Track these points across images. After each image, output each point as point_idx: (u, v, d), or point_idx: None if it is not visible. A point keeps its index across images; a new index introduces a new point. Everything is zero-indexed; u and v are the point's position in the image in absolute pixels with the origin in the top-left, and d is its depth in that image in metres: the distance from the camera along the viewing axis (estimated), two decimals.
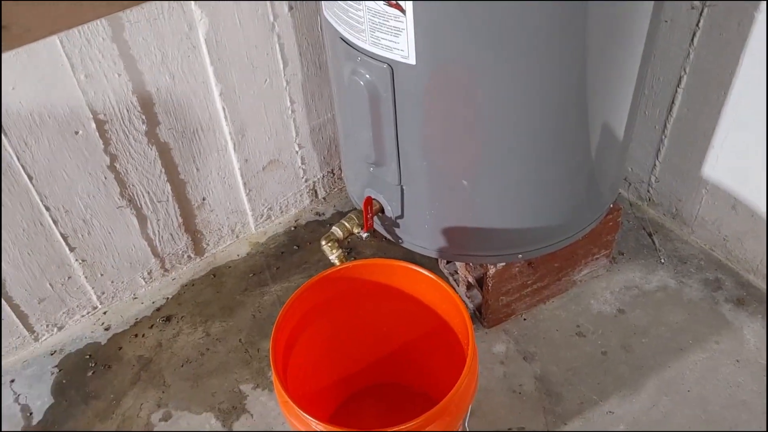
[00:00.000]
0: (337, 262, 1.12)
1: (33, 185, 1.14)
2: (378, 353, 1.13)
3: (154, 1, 1.09)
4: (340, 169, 1.55)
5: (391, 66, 0.93)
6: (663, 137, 1.34)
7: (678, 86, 1.25)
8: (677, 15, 1.19)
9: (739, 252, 1.32)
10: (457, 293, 0.94)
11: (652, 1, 0.93)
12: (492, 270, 1.18)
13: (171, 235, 1.37)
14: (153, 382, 1.26)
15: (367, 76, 0.97)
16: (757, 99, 1.13)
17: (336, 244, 1.12)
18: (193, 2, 1.13)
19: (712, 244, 1.37)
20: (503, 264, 1.18)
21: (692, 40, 1.18)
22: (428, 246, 1.17)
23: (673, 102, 1.28)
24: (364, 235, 1.15)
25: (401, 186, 1.09)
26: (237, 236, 1.48)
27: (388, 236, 1.21)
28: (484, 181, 1.05)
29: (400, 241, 1.20)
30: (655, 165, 1.39)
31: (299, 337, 1.00)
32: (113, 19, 1.07)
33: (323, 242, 1.12)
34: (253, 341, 1.31)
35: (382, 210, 1.16)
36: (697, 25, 1.16)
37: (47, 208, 1.18)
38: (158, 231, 1.34)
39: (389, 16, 0.87)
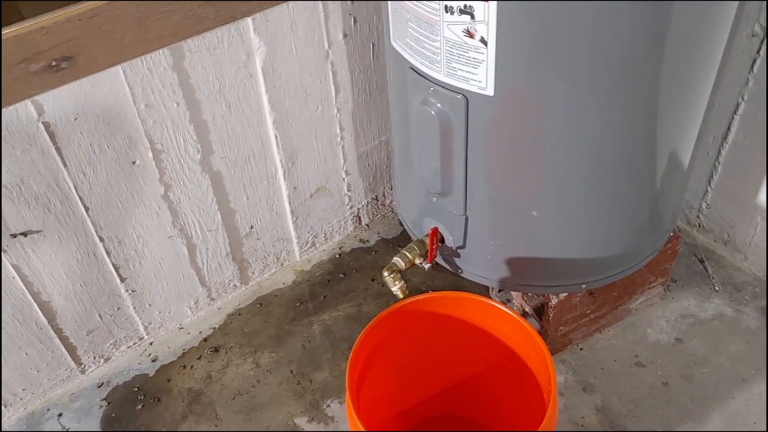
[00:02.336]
0: (399, 293, 1.10)
1: (89, 216, 1.13)
2: (444, 384, 1.11)
3: (215, 30, 1.08)
4: (384, 195, 1.54)
5: (466, 97, 0.92)
6: (717, 164, 1.33)
7: (735, 113, 1.24)
8: (737, 42, 1.18)
9: None
10: (534, 328, 0.92)
11: (728, 28, 0.92)
12: (554, 300, 1.16)
13: (219, 264, 1.35)
14: (205, 416, 1.23)
15: (439, 106, 0.96)
16: None
17: (399, 275, 1.10)
18: (252, 31, 1.12)
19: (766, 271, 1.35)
20: (565, 294, 1.16)
21: (752, 67, 1.18)
22: (489, 276, 1.15)
23: (729, 129, 1.27)
24: (427, 266, 1.14)
25: (466, 216, 1.08)
26: (282, 264, 1.47)
27: (447, 266, 1.19)
28: (552, 211, 1.03)
29: (459, 271, 1.18)
30: (707, 191, 1.38)
31: (370, 369, 0.98)
32: (175, 49, 1.06)
33: (386, 273, 1.10)
34: (305, 372, 1.29)
35: (442, 240, 1.14)
36: (758, 52, 1.16)
37: (101, 239, 1.16)
38: (206, 260, 1.33)
39: (469, 47, 0.86)
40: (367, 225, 1.55)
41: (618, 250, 1.11)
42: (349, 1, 1.21)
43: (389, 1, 0.95)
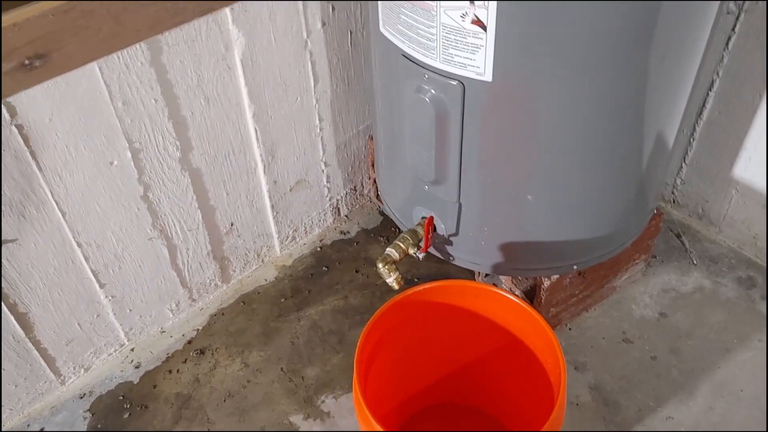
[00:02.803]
0: (395, 284, 1.09)
1: (66, 221, 1.07)
2: (446, 373, 1.10)
3: (192, 22, 1.03)
4: (362, 185, 1.52)
5: (463, 83, 0.91)
6: (691, 140, 1.35)
7: (710, 89, 1.27)
8: None
9: None
10: (539, 313, 0.93)
11: (715, 10, 0.94)
12: (547, 282, 1.16)
13: (200, 263, 1.31)
14: (196, 420, 1.20)
15: (434, 93, 0.94)
16: None
17: (394, 266, 1.09)
18: (230, 22, 1.08)
19: (741, 243, 1.39)
20: (557, 276, 1.17)
21: (727, 44, 1.20)
22: (482, 262, 1.15)
23: (704, 105, 1.29)
24: (421, 255, 1.13)
25: (459, 203, 1.07)
26: (263, 260, 1.43)
27: (438, 254, 1.19)
28: (546, 195, 1.03)
29: (451, 258, 1.17)
30: (681, 167, 1.41)
31: (374, 362, 0.96)
32: (152, 42, 1.01)
33: (380, 265, 1.09)
34: (296, 369, 1.26)
35: (434, 228, 1.13)
36: (733, 29, 1.18)
37: (79, 245, 1.11)
38: (187, 260, 1.28)
39: (467, 33, 0.85)
40: (346, 216, 1.53)
41: (608, 230, 1.12)
42: None
43: None
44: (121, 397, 1.24)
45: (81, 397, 1.24)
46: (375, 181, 1.45)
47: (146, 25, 0.98)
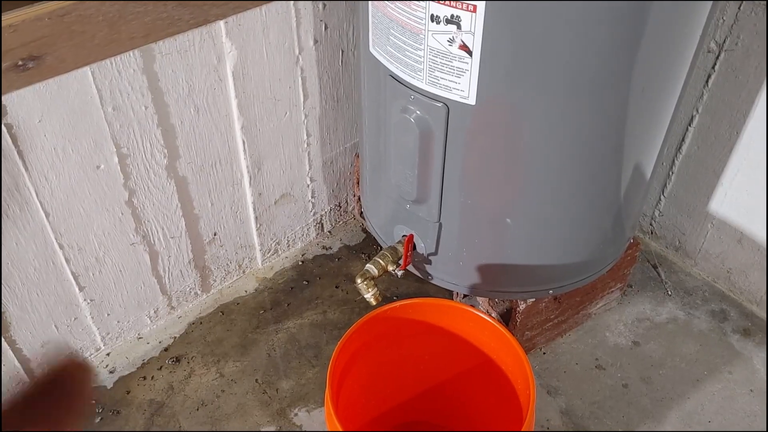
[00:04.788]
0: (372, 300, 1.10)
1: (49, 222, 1.08)
2: (419, 391, 1.11)
3: (187, 33, 1.05)
4: (347, 202, 1.53)
5: (448, 105, 0.93)
6: (670, 173, 1.38)
7: (689, 125, 1.30)
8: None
9: (742, 284, 1.37)
10: (514, 335, 0.94)
11: (695, 46, 0.97)
12: (522, 306, 1.18)
13: (180, 271, 1.32)
14: (168, 428, 1.20)
15: (419, 114, 0.96)
16: None
17: (372, 282, 1.10)
18: (224, 35, 1.10)
19: (715, 276, 1.42)
20: (532, 300, 1.19)
21: (707, 81, 1.23)
22: (460, 282, 1.16)
23: (683, 140, 1.32)
24: (399, 273, 1.14)
25: (439, 223, 1.09)
26: (244, 272, 1.44)
27: (417, 273, 1.20)
28: (524, 219, 1.05)
29: (429, 277, 1.19)
30: (660, 200, 1.44)
31: (347, 376, 0.97)
32: (146, 51, 1.03)
33: (359, 280, 1.10)
34: (271, 381, 1.27)
35: (414, 247, 1.15)
36: (713, 67, 1.21)
37: (61, 246, 1.12)
38: (168, 267, 1.29)
39: (454, 57, 0.87)
40: (329, 232, 1.54)
41: (584, 256, 1.14)
42: (323, 1, 1.20)
43: (371, 9, 0.95)
44: (93, 402, 1.23)
45: None
46: (359, 198, 1.47)
47: (141, 33, 1.00)
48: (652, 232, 1.50)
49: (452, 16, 0.84)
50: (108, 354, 1.31)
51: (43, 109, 0.98)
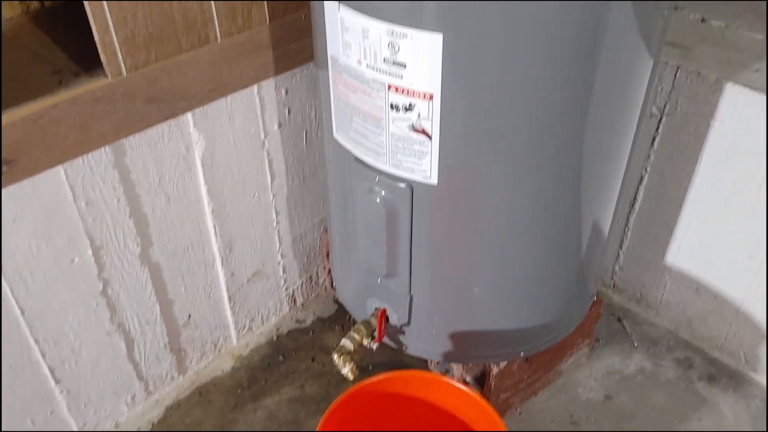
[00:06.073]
0: (350, 375, 1.12)
1: (24, 319, 1.09)
2: None
3: (156, 126, 1.09)
4: (317, 275, 1.56)
5: (411, 186, 0.98)
6: (626, 229, 1.45)
7: (639, 184, 1.37)
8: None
9: (704, 331, 1.42)
10: (490, 398, 0.97)
11: (638, 113, 1.04)
12: (495, 369, 1.21)
13: (156, 355, 1.32)
14: None
15: (385, 194, 1.01)
16: (716, 195, 1.26)
17: (348, 357, 1.12)
18: (192, 125, 1.14)
19: (677, 325, 1.47)
20: (505, 362, 1.22)
21: (652, 143, 1.31)
22: (433, 350, 1.20)
23: (635, 198, 1.39)
24: (374, 345, 1.17)
25: (410, 295, 1.12)
26: (219, 351, 1.45)
27: (391, 343, 1.23)
28: (491, 286, 1.10)
29: (404, 347, 1.21)
30: (618, 255, 1.50)
31: None
32: (116, 146, 1.07)
33: (335, 356, 1.12)
34: None
35: (387, 319, 1.18)
36: (657, 130, 1.29)
37: (36, 341, 1.12)
38: (144, 353, 1.30)
39: (414, 141, 0.93)
40: (302, 305, 1.57)
41: (552, 317, 1.18)
42: (289, 78, 1.25)
43: (333, 98, 1.01)
44: None
45: None
46: (330, 270, 1.50)
47: (112, 131, 1.04)
48: (614, 286, 1.55)
49: (410, 104, 0.89)
50: None
51: (16, 209, 1.00)
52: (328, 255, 1.48)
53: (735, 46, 1.26)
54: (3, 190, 0.97)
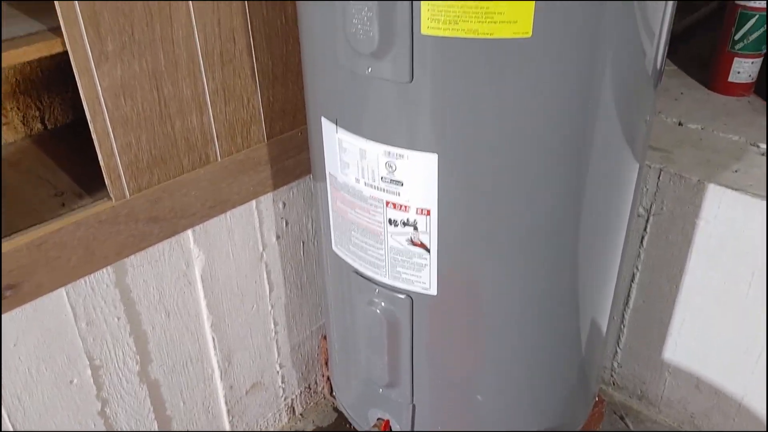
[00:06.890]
0: None
1: None
2: None
3: (158, 245, 1.11)
4: (316, 383, 1.55)
5: (411, 297, 0.99)
6: (622, 326, 1.46)
7: (632, 281, 1.39)
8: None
9: (706, 427, 1.41)
10: None
11: (627, 211, 1.07)
12: None
13: None
14: None
15: (385, 305, 1.02)
16: (707, 292, 1.28)
17: None
18: (192, 242, 1.16)
19: (680, 422, 1.46)
20: None
21: (641, 242, 1.34)
22: None
23: (629, 295, 1.41)
24: None
25: (413, 404, 1.11)
26: None
27: None
28: (494, 393, 1.09)
29: None
30: (616, 352, 1.50)
31: None
32: (118, 265, 1.08)
33: None
34: None
35: (390, 429, 1.16)
36: (645, 229, 1.33)
37: None
38: None
39: (413, 254, 0.95)
40: (301, 414, 1.54)
41: (557, 420, 1.18)
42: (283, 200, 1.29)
43: (331, 213, 1.04)
44: None
45: None
46: (329, 378, 1.48)
47: (114, 251, 1.05)
48: (614, 383, 1.55)
49: (408, 219, 0.92)
50: None
51: (18, 333, 1.00)
52: (326, 362, 1.47)
53: (713, 147, 1.31)
54: (4, 315, 0.98)
